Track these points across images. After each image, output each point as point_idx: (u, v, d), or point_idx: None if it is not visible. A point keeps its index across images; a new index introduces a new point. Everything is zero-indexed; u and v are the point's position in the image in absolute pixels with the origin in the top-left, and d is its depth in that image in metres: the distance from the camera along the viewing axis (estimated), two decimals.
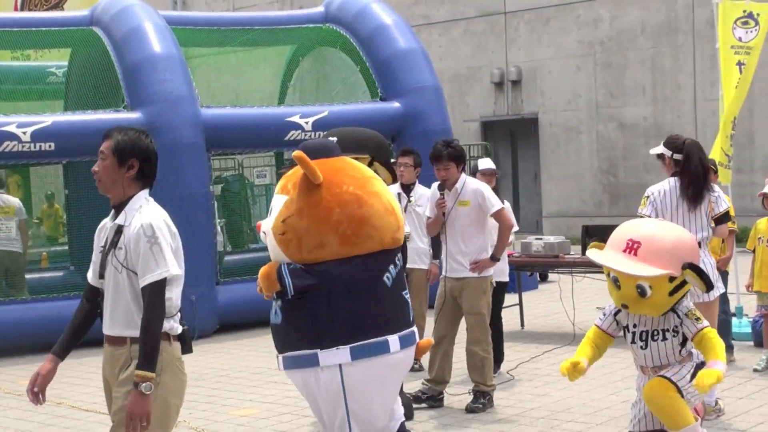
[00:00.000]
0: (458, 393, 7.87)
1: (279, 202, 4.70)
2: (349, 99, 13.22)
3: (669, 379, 5.61)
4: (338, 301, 4.58)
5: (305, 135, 11.77)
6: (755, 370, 8.40)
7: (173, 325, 4.38)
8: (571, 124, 21.44)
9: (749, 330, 9.52)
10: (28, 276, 12.71)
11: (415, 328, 4.91)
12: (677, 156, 7.13)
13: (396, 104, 12.75)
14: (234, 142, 12.31)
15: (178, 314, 4.44)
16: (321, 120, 12.05)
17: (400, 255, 4.89)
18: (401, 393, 7.36)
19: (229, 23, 13.93)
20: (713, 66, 16.26)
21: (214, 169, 13.41)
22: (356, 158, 6.71)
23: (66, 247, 14.52)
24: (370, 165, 6.80)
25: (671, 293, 5.41)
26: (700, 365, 5.64)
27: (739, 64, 10.53)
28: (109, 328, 4.41)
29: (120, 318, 4.37)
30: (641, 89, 20.54)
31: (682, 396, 5.62)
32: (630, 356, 8.80)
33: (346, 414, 4.70)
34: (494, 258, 7.67)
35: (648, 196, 7.10)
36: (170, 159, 11.24)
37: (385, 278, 4.71)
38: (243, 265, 13.02)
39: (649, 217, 6.81)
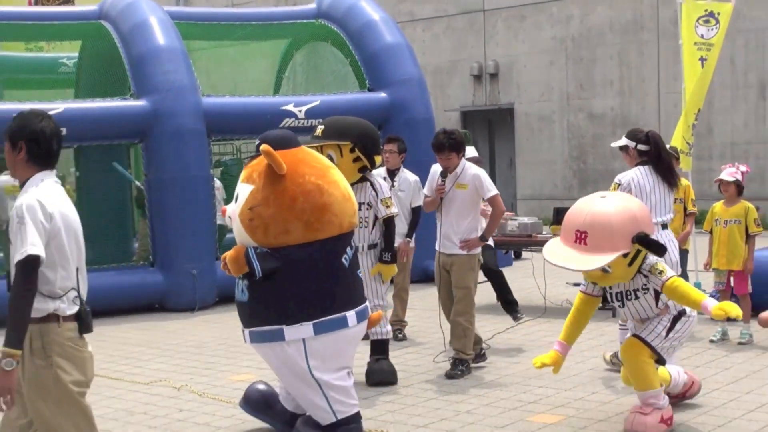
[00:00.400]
0: (440, 361, 7.98)
1: (245, 190, 4.69)
2: (340, 90, 13.23)
3: (644, 340, 5.69)
4: (302, 281, 4.60)
5: (299, 122, 11.82)
6: (711, 341, 8.49)
7: (59, 306, 4.06)
8: (544, 114, 21.48)
9: None
10: None
11: (367, 303, 4.95)
12: (641, 147, 7.19)
13: (383, 95, 12.77)
14: (233, 129, 12.34)
15: (72, 294, 4.11)
16: (313, 108, 12.07)
17: (355, 237, 4.93)
18: (387, 361, 7.42)
19: (228, 18, 13.91)
20: (676, 61, 16.31)
21: (213, 154, 13.38)
22: (338, 145, 6.76)
23: None
24: (351, 152, 6.84)
25: (630, 264, 5.50)
26: (678, 316, 5.72)
27: (701, 59, 10.58)
28: None
29: None
30: (609, 82, 20.58)
31: (658, 355, 5.71)
32: (595, 328, 8.92)
33: (317, 384, 4.73)
34: (483, 238, 7.73)
35: (619, 184, 7.11)
36: (173, 144, 11.27)
37: (343, 259, 4.74)
38: None
39: None
